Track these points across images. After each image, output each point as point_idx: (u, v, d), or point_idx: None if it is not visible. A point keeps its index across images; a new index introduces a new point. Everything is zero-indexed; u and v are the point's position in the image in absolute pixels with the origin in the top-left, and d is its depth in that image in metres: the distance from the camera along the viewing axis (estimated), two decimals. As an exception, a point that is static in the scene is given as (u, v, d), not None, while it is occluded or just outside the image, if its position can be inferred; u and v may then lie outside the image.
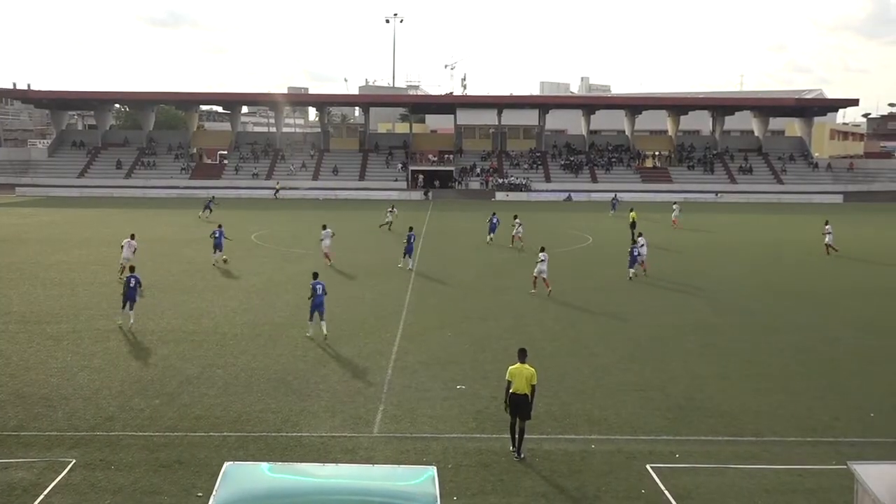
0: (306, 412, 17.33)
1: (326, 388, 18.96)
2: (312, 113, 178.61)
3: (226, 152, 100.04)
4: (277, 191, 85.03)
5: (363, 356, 21.84)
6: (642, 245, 36.13)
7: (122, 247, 33.99)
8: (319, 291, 23.78)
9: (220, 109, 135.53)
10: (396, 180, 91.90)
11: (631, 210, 52.62)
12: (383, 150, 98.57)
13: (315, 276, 24.79)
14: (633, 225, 49.18)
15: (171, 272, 35.33)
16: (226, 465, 10.13)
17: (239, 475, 9.89)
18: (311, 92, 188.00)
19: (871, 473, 9.94)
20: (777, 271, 37.97)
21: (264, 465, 10.89)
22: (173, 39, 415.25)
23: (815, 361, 22.02)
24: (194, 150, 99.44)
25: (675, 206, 59.72)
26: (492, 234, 47.27)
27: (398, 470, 11.25)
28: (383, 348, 22.67)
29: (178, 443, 15.48)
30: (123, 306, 24.74)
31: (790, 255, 43.48)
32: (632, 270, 35.34)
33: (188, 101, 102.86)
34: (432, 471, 10.11)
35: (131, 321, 24.57)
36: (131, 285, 24.65)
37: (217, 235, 37.56)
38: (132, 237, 34.67)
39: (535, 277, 31.49)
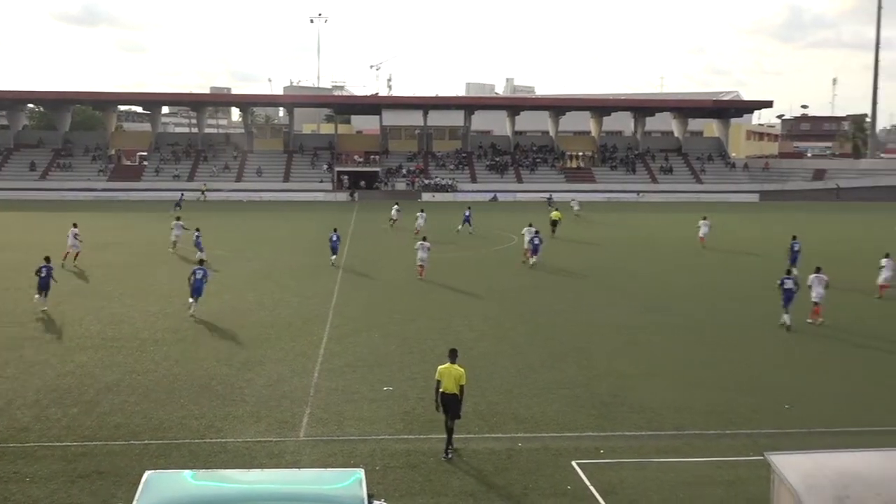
0: (231, 417, 17.07)
1: (251, 393, 18.71)
2: (235, 113, 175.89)
3: (146, 153, 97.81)
4: (203, 192, 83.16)
5: (289, 359, 21.62)
6: (531, 233, 39.48)
7: (67, 236, 37.57)
8: (199, 276, 26.82)
9: (139, 110, 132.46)
10: (322, 181, 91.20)
11: (556, 209, 54.80)
12: (308, 151, 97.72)
13: (200, 262, 29.02)
14: (554, 223, 51.48)
15: (89, 277, 34.39)
16: (147, 473, 9.94)
17: (161, 484, 9.71)
18: (234, 92, 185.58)
19: (786, 463, 10.27)
20: (697, 269, 38.92)
21: (187, 472, 10.72)
22: (90, 38, 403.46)
23: (735, 357, 22.63)
24: (113, 152, 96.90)
25: (572, 202, 66.00)
26: (469, 227, 52.20)
27: (325, 473, 11.19)
28: (309, 351, 22.48)
29: (96, 452, 15.08)
30: (38, 293, 27.07)
31: (709, 253, 44.61)
32: (534, 258, 38.04)
33: (106, 102, 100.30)
34: (360, 473, 10.10)
35: (45, 307, 26.88)
36: (43, 275, 26.98)
37: (196, 239, 40.31)
38: (75, 226, 38.13)
39: (420, 266, 34.36)
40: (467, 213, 53.63)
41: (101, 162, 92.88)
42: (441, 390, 15.11)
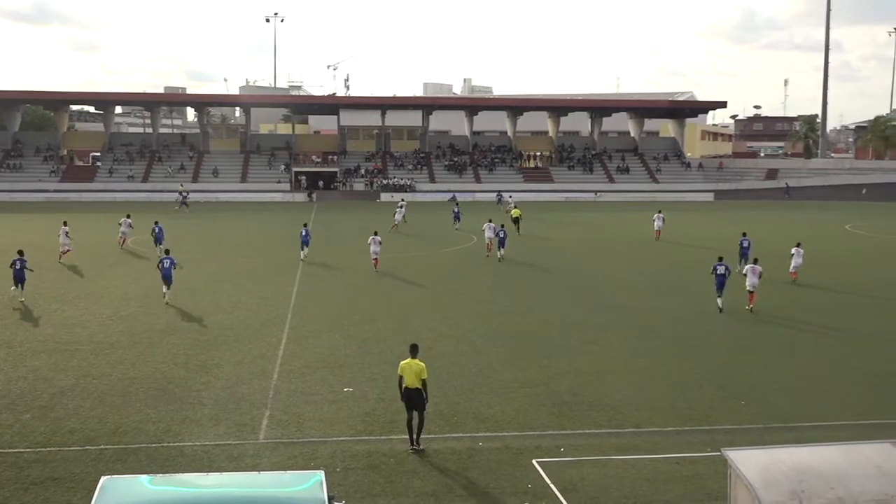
0: (189, 421, 16.86)
1: (210, 396, 18.50)
2: (191, 113, 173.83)
3: (99, 154, 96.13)
4: (181, 192, 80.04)
5: (247, 361, 21.41)
6: (492, 229, 41.66)
7: (59, 234, 38.94)
8: (167, 265, 28.87)
9: (92, 110, 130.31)
10: (279, 182, 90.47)
11: (515, 207, 56.92)
12: (265, 151, 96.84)
13: (166, 252, 30.41)
14: (515, 220, 52.97)
15: (42, 279, 33.64)
16: (103, 479, 9.78)
17: (117, 489, 9.57)
18: (189, 91, 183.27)
19: (743, 459, 10.42)
20: (654, 268, 39.24)
21: (144, 477, 10.55)
22: (40, 36, 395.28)
23: (692, 354, 22.92)
24: (65, 152, 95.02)
25: (509, 198, 69.64)
26: (458, 223, 54.82)
27: (285, 476, 11.12)
28: (268, 353, 22.29)
29: (50, 458, 14.79)
30: (14, 286, 28.44)
31: (665, 250, 45.13)
32: (501, 251, 39.98)
33: (57, 101, 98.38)
34: (320, 475, 10.04)
35: (22, 298, 28.20)
36: (17, 268, 28.35)
37: (157, 231, 41.62)
38: (65, 224, 39.55)
39: (374, 259, 36.28)
40: (456, 210, 56.67)
41: (53, 163, 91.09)
42: (404, 385, 15.24)
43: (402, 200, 62.53)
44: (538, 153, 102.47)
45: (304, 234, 40.22)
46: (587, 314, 28.04)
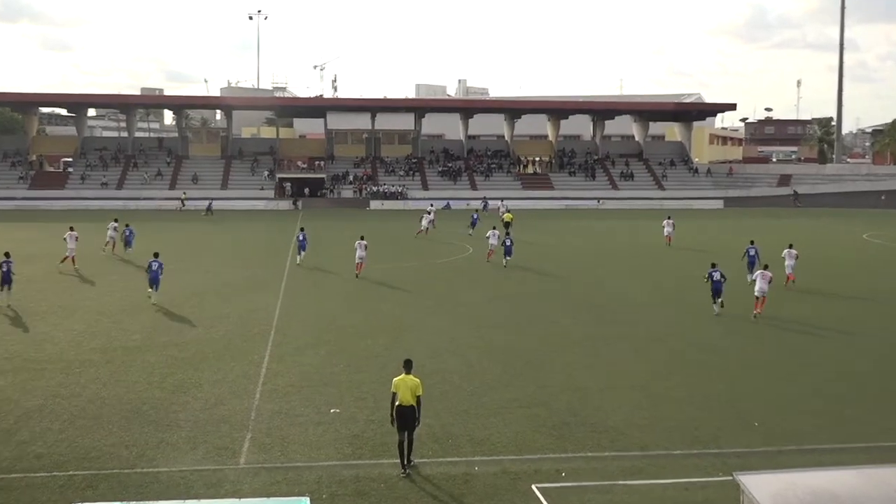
0: (165, 444, 16.76)
1: (187, 417, 18.40)
2: (169, 116, 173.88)
3: (71, 159, 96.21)
4: (183, 200, 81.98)
5: (228, 380, 21.32)
6: (495, 236, 43.75)
7: (65, 239, 40.34)
8: (154, 267, 30.86)
9: (63, 112, 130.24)
10: (263, 189, 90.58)
11: (507, 211, 61.14)
12: (248, 156, 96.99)
13: (155, 255, 31.88)
14: (507, 224, 55.07)
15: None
16: (71, 507, 9.69)
17: (86, 519, 9.48)
18: (166, 93, 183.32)
19: (756, 483, 10.36)
20: (658, 278, 39.25)
21: (116, 505, 10.48)
22: (9, 34, 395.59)
23: (699, 371, 22.87)
24: (34, 157, 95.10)
25: (501, 204, 71.32)
26: (472, 229, 56.87)
27: (268, 503, 11.04)
28: (250, 371, 22.20)
29: (14, 486, 14.67)
30: (0, 289, 29.72)
31: (671, 260, 45.17)
32: (507, 258, 41.56)
33: (26, 103, 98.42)
34: (305, 502, 9.99)
35: (9, 302, 29.72)
36: (4, 269, 29.89)
37: (127, 234, 45.10)
38: (72, 229, 40.96)
39: (358, 263, 37.73)
40: (475, 216, 59.78)
41: (22, 168, 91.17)
42: (397, 403, 15.20)
43: (431, 206, 65.51)
44: (537, 158, 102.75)
45: (300, 238, 42.52)
46: (588, 327, 28.01)
